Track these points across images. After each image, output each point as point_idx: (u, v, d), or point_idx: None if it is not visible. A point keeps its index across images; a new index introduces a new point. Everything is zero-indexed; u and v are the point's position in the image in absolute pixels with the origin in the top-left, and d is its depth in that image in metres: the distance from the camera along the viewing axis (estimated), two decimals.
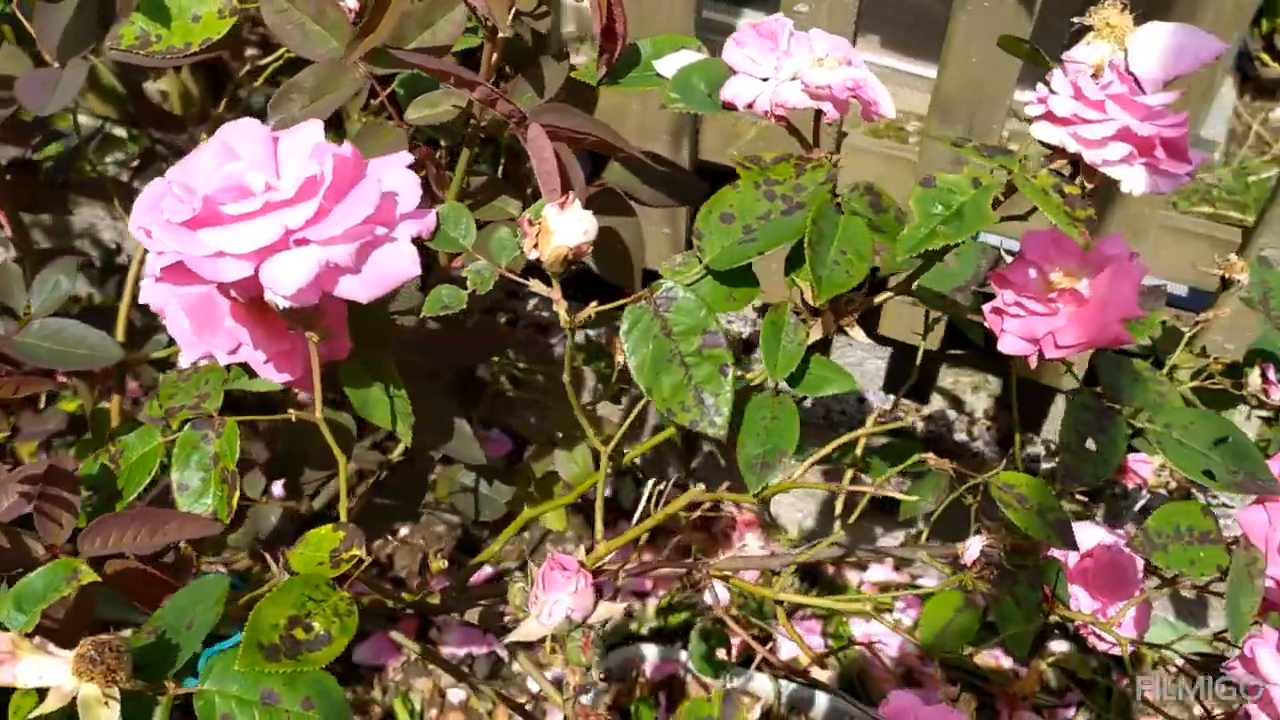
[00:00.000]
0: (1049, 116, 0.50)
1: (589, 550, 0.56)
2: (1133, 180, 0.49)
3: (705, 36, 0.83)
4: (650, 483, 0.74)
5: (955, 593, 0.65)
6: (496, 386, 1.03)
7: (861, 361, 1.34)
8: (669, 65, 0.61)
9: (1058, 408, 1.27)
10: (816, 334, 0.55)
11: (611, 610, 0.51)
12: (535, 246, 0.51)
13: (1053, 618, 0.71)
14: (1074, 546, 0.60)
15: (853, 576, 1.42)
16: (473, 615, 0.70)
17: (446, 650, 1.33)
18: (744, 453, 0.55)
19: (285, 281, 0.49)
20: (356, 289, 0.51)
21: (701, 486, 0.58)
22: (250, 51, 1.21)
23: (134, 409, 1.00)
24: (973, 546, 0.68)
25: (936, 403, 1.43)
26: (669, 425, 0.60)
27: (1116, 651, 0.69)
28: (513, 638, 0.52)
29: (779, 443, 0.55)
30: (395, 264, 0.52)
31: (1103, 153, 0.49)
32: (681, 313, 0.52)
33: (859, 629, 1.37)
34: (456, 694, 1.30)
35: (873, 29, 1.73)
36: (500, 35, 0.63)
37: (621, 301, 0.53)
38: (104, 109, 1.15)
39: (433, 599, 0.71)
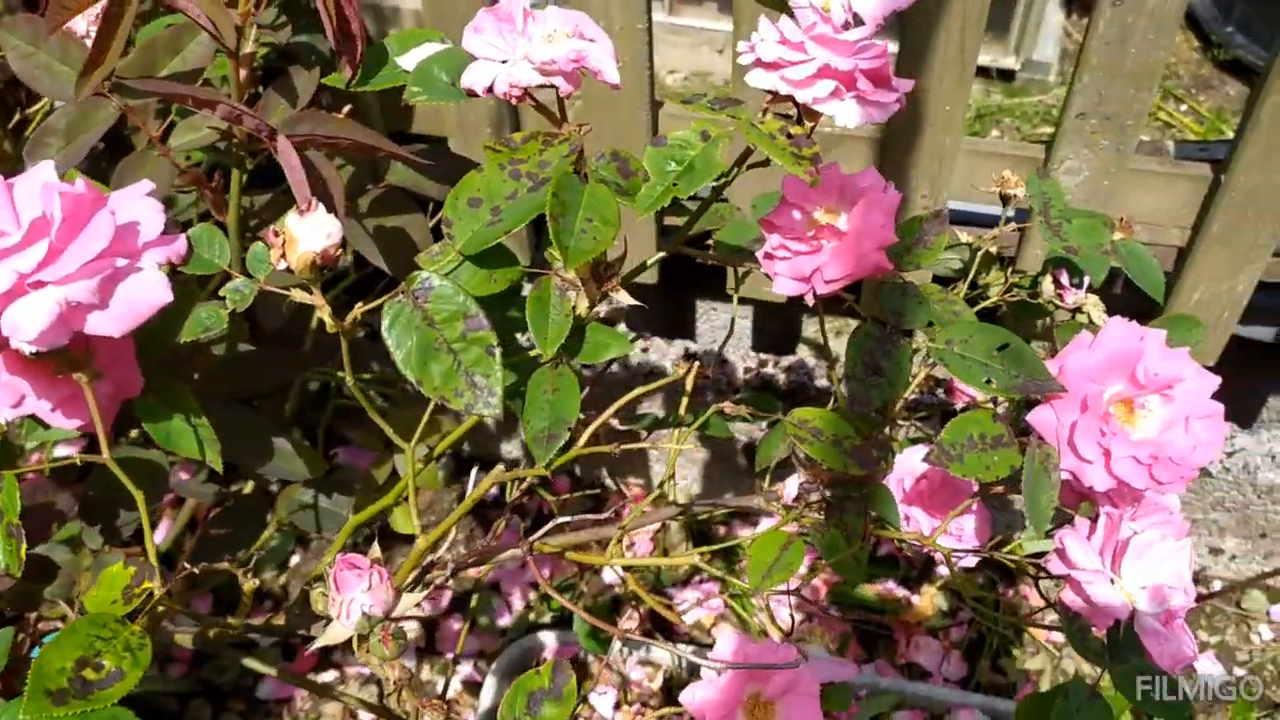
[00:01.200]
0: (759, 63, 0.52)
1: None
2: (845, 114, 0.51)
3: None
4: (474, 471, 0.75)
5: (779, 532, 0.67)
6: (356, 400, 1.03)
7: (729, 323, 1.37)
8: (411, 60, 0.61)
9: None
10: (583, 304, 0.56)
11: (412, 601, 0.52)
12: (283, 256, 0.51)
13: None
14: (871, 470, 0.62)
15: (745, 534, 1.45)
16: (318, 630, 0.70)
17: (353, 670, 1.33)
18: (529, 428, 0.56)
19: (26, 326, 0.49)
20: (107, 324, 0.51)
21: (501, 468, 0.59)
22: None
23: None
24: (790, 485, 0.70)
25: (802, 352, 1.47)
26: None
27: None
28: (320, 642, 0.53)
29: (562, 413, 0.56)
30: (143, 294, 0.52)
31: (811, 91, 0.51)
32: (441, 300, 0.53)
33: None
34: (367, 716, 1.30)
35: None
36: (242, 52, 0.63)
37: (380, 300, 0.53)
38: None
39: (277, 620, 0.71)
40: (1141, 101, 0.99)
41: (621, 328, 1.41)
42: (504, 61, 0.59)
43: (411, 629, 1.33)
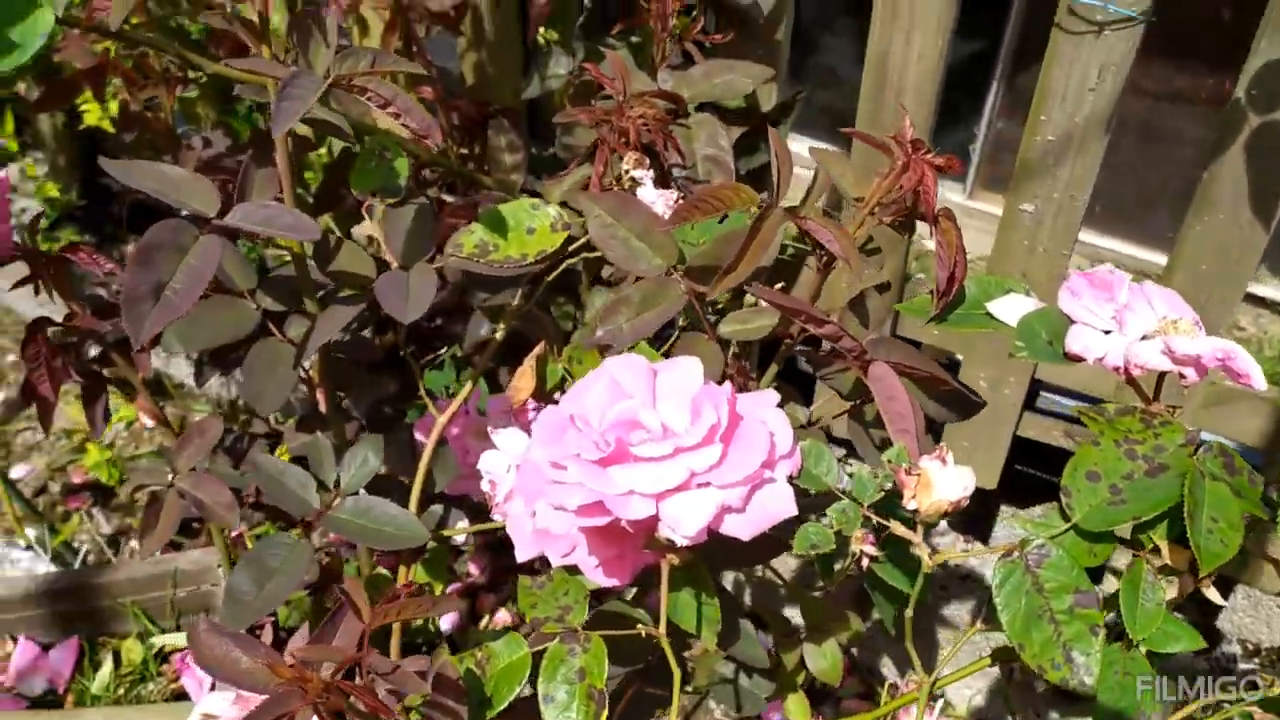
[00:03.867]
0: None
1: None
2: None
3: None
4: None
5: None
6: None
7: None
8: (1005, 310, 0.64)
9: None
10: (1173, 594, 0.56)
11: None
12: (914, 497, 0.54)
13: None
14: None
15: None
16: None
17: None
18: (1097, 709, 0.55)
19: (687, 522, 0.52)
20: (741, 527, 0.54)
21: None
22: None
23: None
24: None
25: None
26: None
27: None
28: None
29: (1131, 701, 0.55)
30: (776, 504, 0.55)
31: None
32: (1054, 570, 0.54)
33: None
34: None
35: None
36: (833, 268, 0.67)
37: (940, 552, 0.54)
38: None
39: None
40: None
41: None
42: (1106, 332, 0.61)
43: None
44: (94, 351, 0.89)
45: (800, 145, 1.93)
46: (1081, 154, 1.03)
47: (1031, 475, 1.44)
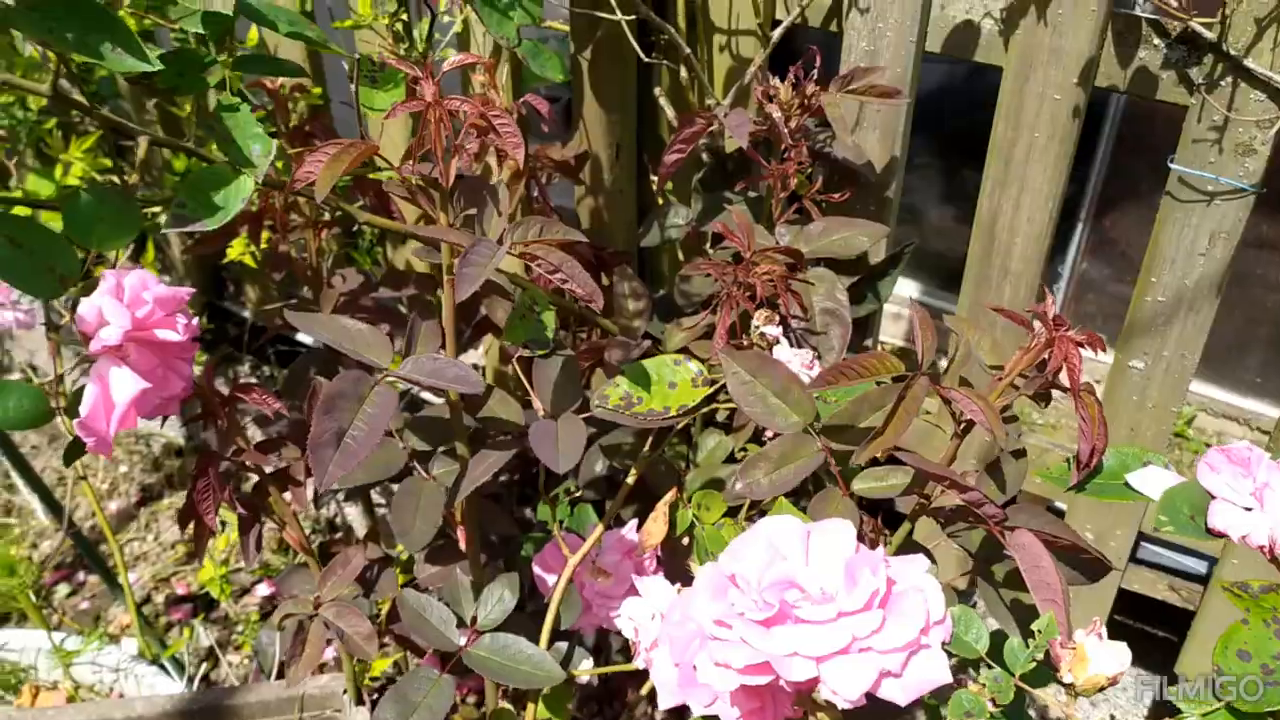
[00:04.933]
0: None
1: None
2: None
3: None
4: None
5: None
6: None
7: None
8: (1145, 482, 0.66)
9: None
10: None
11: None
12: (1070, 670, 0.55)
13: None
14: None
15: None
16: None
17: None
18: None
19: (850, 686, 0.54)
20: (898, 692, 0.56)
21: None
22: None
23: None
24: None
25: None
26: None
27: None
28: None
29: None
30: (932, 670, 0.56)
31: None
32: None
33: None
34: None
35: None
36: (968, 433, 0.69)
37: None
38: None
39: None
40: None
41: None
42: (1247, 509, 0.62)
43: None
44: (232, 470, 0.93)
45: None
46: (1192, 314, 1.05)
47: (1123, 623, 1.42)
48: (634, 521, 1.05)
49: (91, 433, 0.72)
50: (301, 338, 1.91)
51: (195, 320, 0.76)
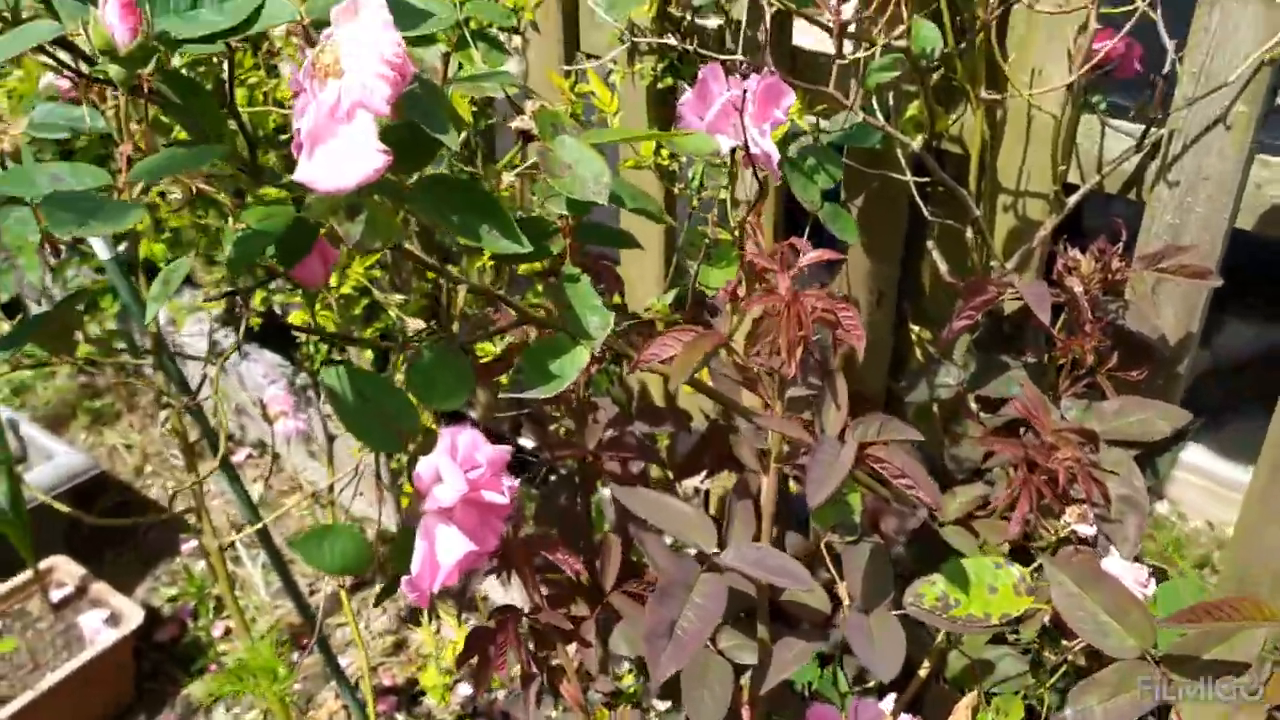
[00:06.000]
0: None
1: None
2: None
3: None
4: None
5: None
6: None
7: None
8: None
9: None
10: None
11: None
12: None
13: None
14: None
15: None
16: None
17: None
18: None
19: None
20: None
21: None
22: None
23: None
24: None
25: None
26: None
27: None
28: None
29: None
30: None
31: None
32: None
33: None
34: None
35: None
36: None
37: None
38: None
39: None
40: None
41: None
42: None
43: None
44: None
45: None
46: None
47: None
48: (892, 696, 1.01)
49: (416, 589, 0.74)
50: (523, 441, 1.94)
51: (517, 483, 0.77)
